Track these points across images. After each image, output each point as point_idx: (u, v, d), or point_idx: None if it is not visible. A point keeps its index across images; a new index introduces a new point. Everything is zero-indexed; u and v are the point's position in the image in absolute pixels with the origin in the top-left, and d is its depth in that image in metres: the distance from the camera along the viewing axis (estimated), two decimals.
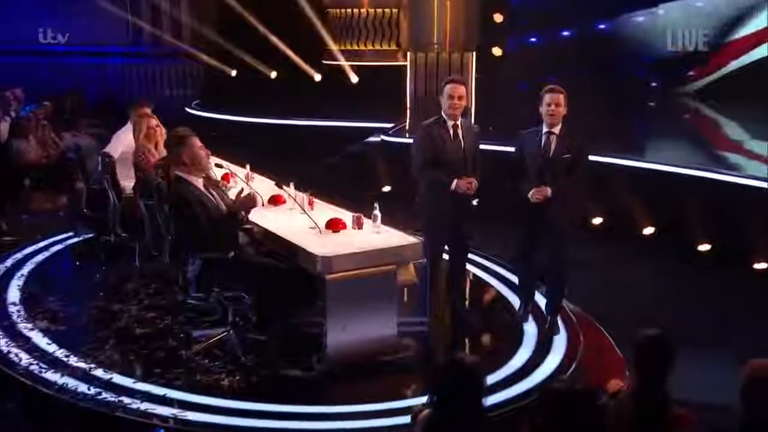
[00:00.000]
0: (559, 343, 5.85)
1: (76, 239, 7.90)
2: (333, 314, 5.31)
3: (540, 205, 5.75)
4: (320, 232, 5.65)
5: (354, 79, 14.43)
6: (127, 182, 6.96)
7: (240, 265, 5.40)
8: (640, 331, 3.51)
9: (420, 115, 12.78)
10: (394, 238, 5.63)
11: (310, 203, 6.22)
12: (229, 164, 6.79)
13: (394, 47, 13.86)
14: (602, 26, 14.86)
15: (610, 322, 6.15)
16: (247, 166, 7.08)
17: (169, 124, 13.93)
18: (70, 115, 12.98)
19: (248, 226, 5.79)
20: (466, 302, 6.53)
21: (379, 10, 13.86)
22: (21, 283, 6.90)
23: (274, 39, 14.53)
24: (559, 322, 6.06)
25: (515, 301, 6.53)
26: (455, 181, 5.83)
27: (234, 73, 15.62)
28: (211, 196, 5.47)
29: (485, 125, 8.44)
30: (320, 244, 5.42)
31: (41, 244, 7.88)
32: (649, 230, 8.61)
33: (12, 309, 6.29)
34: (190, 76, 16.27)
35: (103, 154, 7.15)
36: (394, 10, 13.77)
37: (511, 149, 6.11)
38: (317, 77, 15.07)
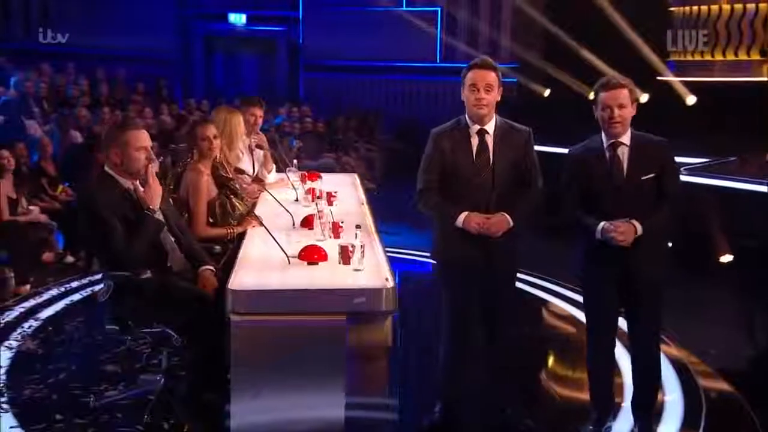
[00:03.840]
0: None
1: None
2: (241, 376, 3.63)
3: (620, 252, 3.68)
4: (289, 262, 4.00)
5: (690, 100, 11.66)
6: None
7: (158, 292, 4.01)
8: None
9: None
10: (357, 277, 3.75)
11: (335, 229, 4.51)
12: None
13: (757, 57, 10.88)
14: None
15: None
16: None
17: None
18: (343, 136, 12.48)
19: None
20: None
21: (739, 6, 10.84)
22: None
23: (591, 52, 12.31)
24: None
25: None
26: (463, 215, 3.81)
27: (547, 93, 13.78)
28: (135, 200, 4.11)
29: None
30: (256, 276, 3.78)
31: None
32: None
33: None
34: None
35: None
36: (762, 5, 10.68)
37: None
38: (643, 98, 12.57)
